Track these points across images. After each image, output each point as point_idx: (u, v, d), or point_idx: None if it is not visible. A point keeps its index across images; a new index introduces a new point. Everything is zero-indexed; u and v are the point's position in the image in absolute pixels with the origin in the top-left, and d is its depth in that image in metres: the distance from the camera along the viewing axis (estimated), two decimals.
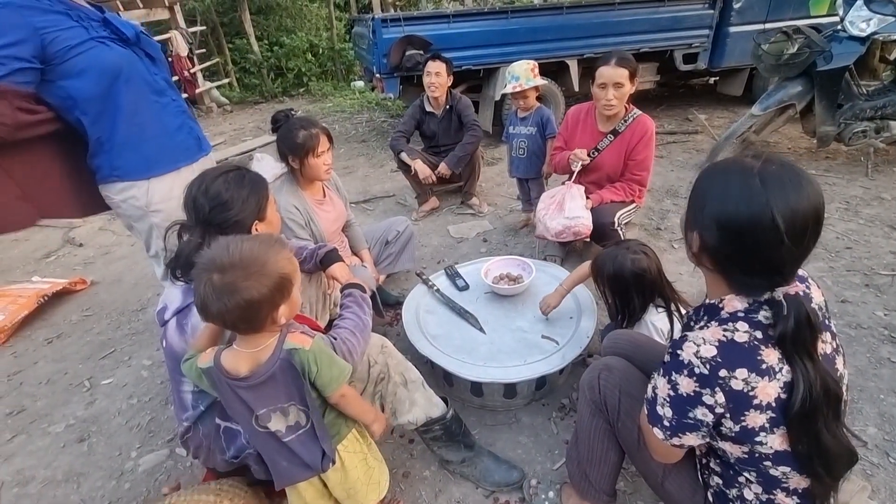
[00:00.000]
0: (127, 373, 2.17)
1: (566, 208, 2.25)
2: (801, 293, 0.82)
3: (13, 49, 1.28)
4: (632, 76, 2.16)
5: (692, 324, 0.97)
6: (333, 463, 1.11)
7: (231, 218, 1.22)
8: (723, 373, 0.80)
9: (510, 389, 1.71)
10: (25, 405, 2.03)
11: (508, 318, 1.87)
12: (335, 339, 1.21)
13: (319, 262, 1.63)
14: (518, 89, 2.62)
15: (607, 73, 2.16)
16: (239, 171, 1.30)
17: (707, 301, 0.95)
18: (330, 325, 1.73)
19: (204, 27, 8.26)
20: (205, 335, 1.11)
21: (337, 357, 1.08)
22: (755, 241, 0.79)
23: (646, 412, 0.95)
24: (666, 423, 0.90)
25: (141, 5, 6.59)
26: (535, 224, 3.07)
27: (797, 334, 0.79)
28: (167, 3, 6.99)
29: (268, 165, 4.39)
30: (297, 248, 1.76)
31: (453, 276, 2.15)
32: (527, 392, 1.75)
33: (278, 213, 1.39)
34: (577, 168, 2.30)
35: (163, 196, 1.64)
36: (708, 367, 0.81)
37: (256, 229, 1.28)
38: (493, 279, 2.04)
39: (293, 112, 1.98)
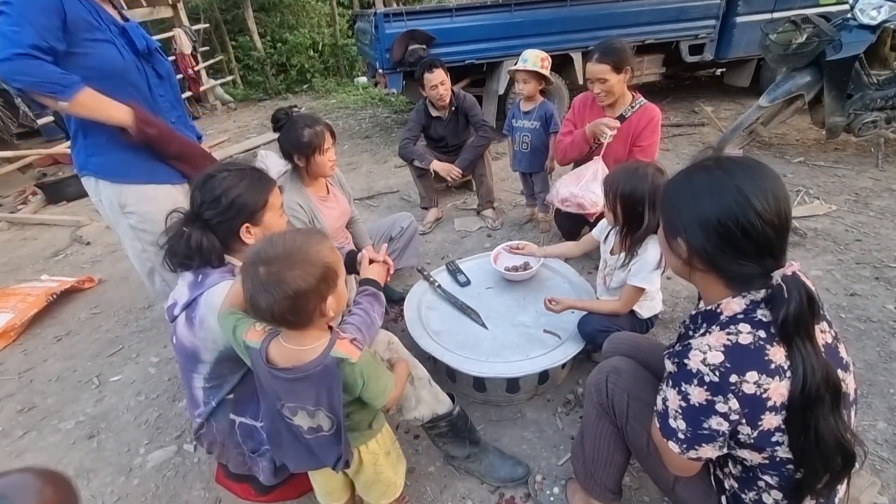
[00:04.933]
0: (135, 370, 2.20)
1: (583, 182, 2.25)
2: (798, 272, 0.81)
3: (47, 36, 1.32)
4: (616, 68, 2.14)
5: (690, 332, 0.96)
6: (347, 466, 1.12)
7: (215, 217, 1.21)
8: (733, 378, 0.78)
9: (513, 384, 1.71)
10: (36, 402, 2.06)
11: (510, 313, 1.87)
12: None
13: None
14: (520, 68, 2.63)
15: (590, 69, 2.19)
16: (242, 171, 1.27)
17: (704, 307, 0.94)
18: None
19: (207, 25, 8.26)
20: (232, 294, 1.11)
21: (382, 369, 1.07)
22: (738, 225, 0.81)
23: (658, 425, 0.92)
24: (681, 435, 0.87)
25: (144, 3, 6.60)
26: (538, 218, 3.07)
27: (800, 316, 0.77)
28: (170, 1, 7.00)
29: (272, 163, 4.40)
30: None
31: (454, 271, 2.14)
32: (529, 386, 1.75)
33: (282, 219, 1.35)
34: (607, 139, 2.20)
35: (137, 199, 1.60)
36: (717, 373, 0.79)
37: (249, 232, 1.25)
38: (505, 267, 2.06)
39: (295, 109, 1.98)
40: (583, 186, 2.24)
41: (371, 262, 1.49)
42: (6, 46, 1.29)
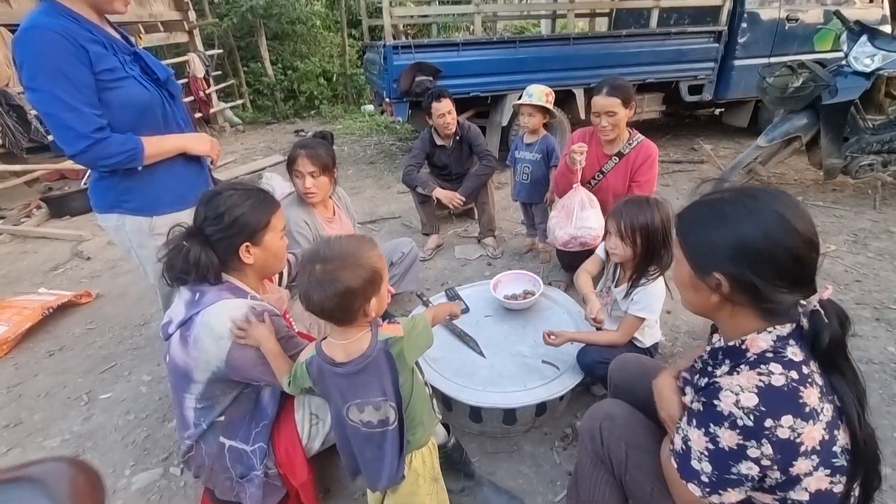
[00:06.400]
0: (126, 388, 2.16)
1: (574, 217, 2.25)
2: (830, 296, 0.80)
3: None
4: (625, 103, 2.19)
5: (710, 368, 0.92)
6: (403, 478, 1.13)
7: (216, 233, 1.23)
8: (768, 422, 0.75)
9: (509, 415, 1.67)
10: (23, 418, 2.02)
11: (509, 342, 1.85)
12: None
13: None
14: (525, 102, 2.68)
15: (599, 102, 2.22)
16: (248, 191, 1.29)
17: (726, 343, 0.90)
18: None
19: (221, 50, 8.50)
20: (275, 360, 1.17)
21: (418, 325, 1.14)
22: (786, 251, 0.78)
23: (675, 465, 0.87)
24: (704, 478, 0.82)
25: (162, 29, 6.83)
26: (538, 247, 3.09)
27: (841, 338, 0.77)
28: (187, 28, 7.24)
29: (277, 184, 4.46)
30: None
31: (453, 298, 2.14)
32: (526, 418, 1.72)
33: (282, 241, 1.36)
34: (578, 166, 2.23)
35: (165, 222, 1.57)
36: (752, 417, 0.75)
37: (248, 252, 1.25)
38: (504, 295, 2.04)
39: (302, 133, 2.05)
40: (576, 224, 2.24)
41: None
42: (77, 140, 1.33)
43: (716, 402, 0.79)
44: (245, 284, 1.30)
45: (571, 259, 2.61)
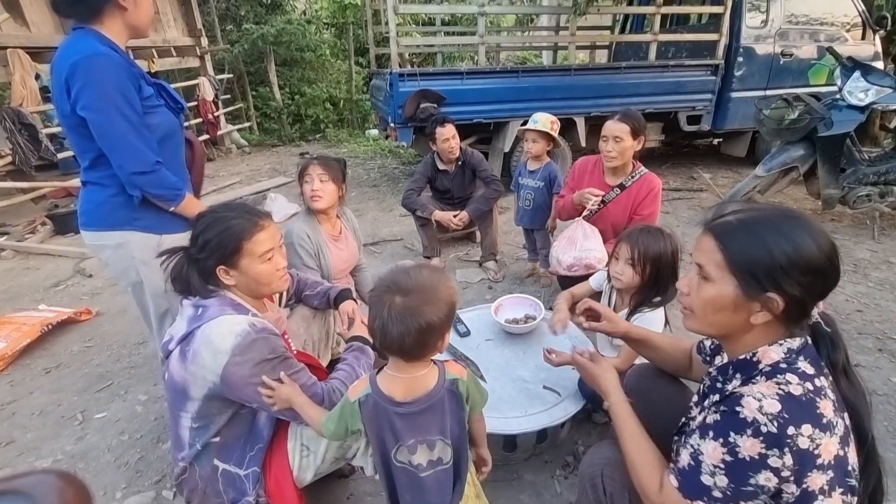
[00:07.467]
0: (121, 407, 2.14)
1: (578, 243, 2.28)
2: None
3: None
4: (634, 132, 2.23)
5: (718, 384, 0.92)
6: None
7: (195, 253, 1.24)
8: (791, 430, 0.74)
9: (510, 442, 1.65)
10: (15, 437, 1.99)
11: (510, 366, 1.84)
12: (325, 385, 1.26)
13: (333, 300, 1.68)
14: (530, 127, 2.73)
15: (609, 126, 2.27)
16: (228, 215, 1.26)
17: (735, 357, 0.90)
18: (331, 365, 1.72)
19: (230, 75, 8.72)
20: (304, 409, 1.17)
21: (478, 382, 1.12)
22: (833, 266, 0.80)
23: (676, 484, 0.84)
24: (717, 493, 0.79)
25: (174, 53, 7.04)
26: (539, 272, 3.09)
27: (844, 347, 0.81)
28: (198, 53, 7.46)
29: (280, 205, 4.51)
30: (312, 282, 1.79)
31: (454, 321, 2.13)
32: (527, 445, 1.69)
33: (265, 266, 1.29)
34: (592, 206, 2.30)
35: (174, 241, 1.57)
36: (776, 424, 0.74)
37: (228, 274, 1.25)
38: (506, 319, 2.03)
39: (307, 155, 2.10)
40: (580, 248, 2.28)
41: (363, 321, 1.51)
42: (147, 159, 1.44)
43: (738, 408, 0.78)
44: (244, 301, 1.31)
45: (570, 285, 2.62)
